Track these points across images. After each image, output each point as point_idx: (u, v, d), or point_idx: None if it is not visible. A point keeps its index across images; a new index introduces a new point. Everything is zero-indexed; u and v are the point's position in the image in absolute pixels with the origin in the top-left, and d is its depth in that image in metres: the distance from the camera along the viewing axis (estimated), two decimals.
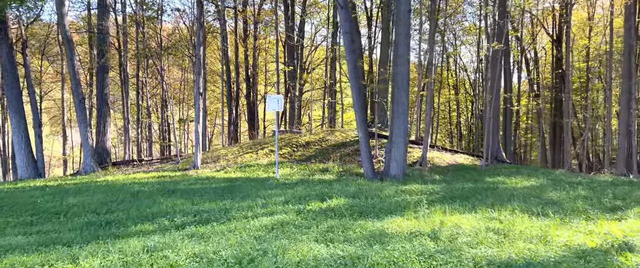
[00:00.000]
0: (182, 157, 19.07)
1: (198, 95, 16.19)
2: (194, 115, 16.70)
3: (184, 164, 17.41)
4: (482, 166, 16.97)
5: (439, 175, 14.75)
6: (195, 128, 16.67)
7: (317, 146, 18.34)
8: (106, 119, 17.67)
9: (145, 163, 18.08)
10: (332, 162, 16.85)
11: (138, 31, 27.44)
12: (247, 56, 34.82)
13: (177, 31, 34.18)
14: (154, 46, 29.13)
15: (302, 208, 7.92)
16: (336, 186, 11.30)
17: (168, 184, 12.37)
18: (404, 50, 14.00)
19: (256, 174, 15.02)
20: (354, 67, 14.64)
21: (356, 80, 14.65)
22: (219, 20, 32.19)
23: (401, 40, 13.94)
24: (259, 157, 17.61)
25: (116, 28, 25.80)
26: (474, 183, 12.50)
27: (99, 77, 17.60)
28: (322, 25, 36.40)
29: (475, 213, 7.69)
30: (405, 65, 14.05)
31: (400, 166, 14.26)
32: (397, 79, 14.11)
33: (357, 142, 18.65)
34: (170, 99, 21.84)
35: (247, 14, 34.32)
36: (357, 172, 15.60)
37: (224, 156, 17.97)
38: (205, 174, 15.03)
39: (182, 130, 38.46)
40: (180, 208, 8.17)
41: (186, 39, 32.79)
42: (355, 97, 14.60)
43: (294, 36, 25.78)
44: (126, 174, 15.48)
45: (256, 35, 36.08)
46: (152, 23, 29.69)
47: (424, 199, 8.89)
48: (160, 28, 30.94)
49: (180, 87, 38.44)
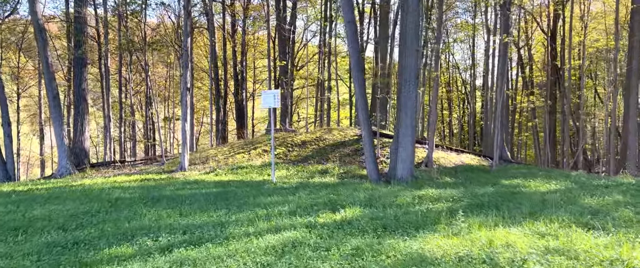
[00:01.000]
0: (168, 157, 17.66)
1: (185, 90, 14.81)
2: (181, 112, 15.32)
3: (170, 166, 16.00)
4: (492, 167, 15.84)
5: (449, 177, 13.56)
6: (182, 126, 15.29)
7: (314, 146, 17.06)
8: (84, 117, 16.19)
9: (127, 165, 16.63)
10: (331, 162, 15.59)
11: (120, 24, 25.88)
12: (235, 52, 33.45)
13: (162, 26, 32.72)
14: (137, 41, 27.61)
15: (314, 222, 6.63)
16: (343, 191, 10.03)
17: (152, 189, 11.00)
18: (413, 41, 12.77)
19: (250, 177, 13.69)
20: (358, 60, 13.38)
21: (360, 74, 13.39)
22: (206, 15, 30.82)
23: (410, 30, 12.71)
24: (252, 158, 16.28)
25: (96, 19, 24.21)
26: (492, 186, 11.32)
27: (76, 70, 16.11)
28: (312, 20, 35.14)
29: (519, 226, 6.47)
30: (413, 57, 12.82)
31: (408, 167, 13.05)
32: (405, 73, 12.88)
33: (356, 141, 17.41)
34: (155, 96, 20.40)
35: (235, 8, 32.91)
36: (359, 174, 14.36)
37: (213, 157, 16.60)
38: (194, 177, 13.66)
39: (167, 129, 36.91)
40: (166, 222, 6.82)
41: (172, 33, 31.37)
42: (358, 93, 13.34)
43: (286, 27, 24.42)
44: (106, 177, 14.05)
45: (245, 30, 34.74)
46: (136, 17, 28.15)
47: (453, 208, 7.67)
48: (144, 22, 29.39)
49: (166, 84, 36.88)
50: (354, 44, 13.31)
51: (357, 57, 13.38)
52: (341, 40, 35.26)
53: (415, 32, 12.83)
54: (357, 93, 13.40)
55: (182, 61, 15.20)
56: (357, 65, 13.33)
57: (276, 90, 12.72)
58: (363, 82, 13.55)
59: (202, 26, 34.35)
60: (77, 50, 15.84)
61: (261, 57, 39.30)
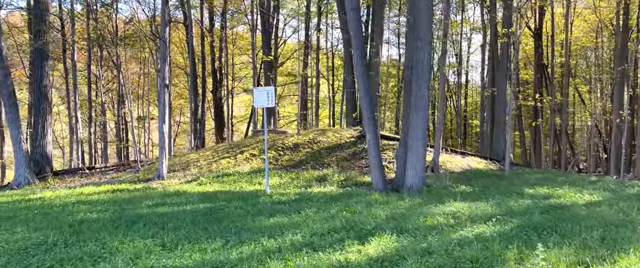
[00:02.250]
0: (143, 163, 15.78)
1: (163, 88, 13.00)
2: (158, 112, 13.50)
3: (146, 173, 14.15)
4: (504, 172, 14.47)
5: (464, 185, 12.08)
6: (160, 128, 13.47)
7: (307, 149, 15.42)
8: (46, 118, 14.20)
9: (97, 172, 14.70)
10: (328, 168, 13.97)
11: (89, 16, 23.76)
12: (214, 48, 31.57)
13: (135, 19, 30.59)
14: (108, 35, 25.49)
15: (344, 262, 5.01)
16: (355, 207, 8.43)
17: (126, 205, 9.21)
18: (426, 31, 11.23)
19: (239, 186, 11.98)
20: (363, 52, 11.78)
21: (365, 68, 11.80)
22: (182, 6, 28.87)
23: (422, 19, 11.16)
24: (239, 163, 14.55)
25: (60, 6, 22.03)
26: (520, 197, 9.88)
27: (36, 64, 14.12)
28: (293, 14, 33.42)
29: (614, 263, 4.98)
30: (426, 50, 11.28)
31: (419, 175, 11.53)
32: (417, 68, 11.33)
33: (353, 144, 15.83)
34: (128, 94, 18.45)
35: (213, 1, 30.98)
36: (361, 181, 12.80)
37: (194, 162, 14.81)
38: (174, 187, 11.88)
39: (141, 129, 34.73)
40: (146, 265, 5.11)
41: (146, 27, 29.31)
42: (363, 90, 11.74)
43: (271, 16, 22.67)
44: (71, 188, 12.14)
45: (225, 25, 32.87)
46: (107, 10, 26.06)
47: (505, 233, 6.14)
48: (116, 13, 27.24)
49: (139, 80, 34.70)
50: (357, 34, 11.71)
51: (362, 49, 11.78)
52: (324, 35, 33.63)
53: (428, 22, 11.30)
54: (361, 90, 11.80)
55: (159, 55, 13.37)
56: (361, 58, 11.73)
57: (270, 88, 11.05)
58: (368, 77, 11.96)
59: (178, 20, 32.37)
60: (37, 41, 13.86)
61: (240, 53, 37.48)
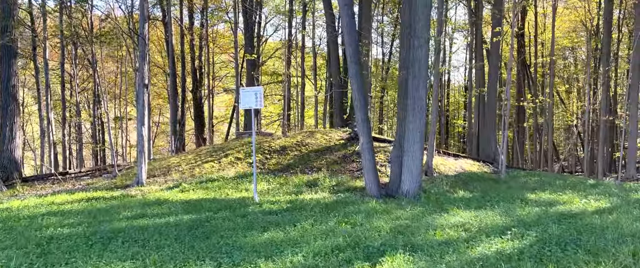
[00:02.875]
0: (121, 167, 14.87)
1: (142, 87, 12.14)
2: (137, 113, 12.64)
3: (124, 179, 13.27)
4: (499, 175, 13.97)
5: (462, 190, 11.52)
6: (139, 130, 12.61)
7: (295, 152, 14.71)
8: (14, 120, 13.19)
9: (70, 178, 13.73)
10: (317, 172, 13.28)
11: (62, 12, 22.65)
12: (193, 46, 30.65)
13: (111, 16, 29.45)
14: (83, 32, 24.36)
15: None
16: (355, 217, 7.77)
17: (102, 216, 8.40)
18: (423, 28, 10.61)
19: (224, 193, 11.21)
20: (356, 50, 11.12)
21: (358, 66, 11.14)
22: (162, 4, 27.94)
23: (420, 14, 10.55)
24: (223, 168, 13.76)
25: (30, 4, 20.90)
26: (525, 204, 9.35)
27: (3, 62, 13.09)
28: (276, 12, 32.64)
29: None
30: (424, 48, 10.67)
31: (416, 180, 10.92)
32: (414, 67, 10.72)
33: (343, 146, 15.17)
34: (104, 94, 17.49)
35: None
36: (354, 187, 12.14)
37: (176, 166, 13.97)
38: (155, 195, 11.05)
39: (118, 130, 33.56)
40: None
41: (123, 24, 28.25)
42: (356, 90, 11.07)
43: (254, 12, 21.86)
44: (41, 196, 11.21)
45: (207, 23, 32.00)
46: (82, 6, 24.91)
47: (525, 249, 5.54)
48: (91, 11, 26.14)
49: (116, 80, 33.51)
50: (351, 31, 11.04)
51: (356, 47, 11.11)
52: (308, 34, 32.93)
53: (427, 18, 10.69)
54: (354, 90, 11.13)
55: (137, 53, 12.52)
56: (354, 56, 11.06)
57: (258, 88, 10.30)
58: (362, 76, 11.30)
59: (157, 18, 31.38)
60: (4, 37, 12.84)
61: (220, 51, 36.57)
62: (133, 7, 25.01)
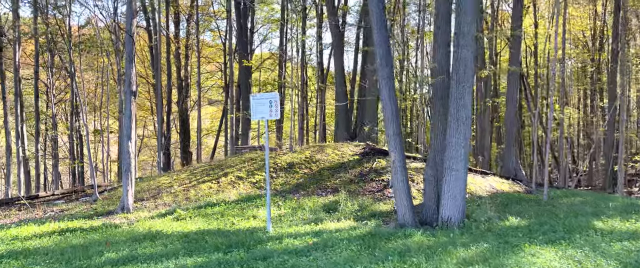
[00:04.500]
0: (102, 188, 12.81)
1: (129, 94, 10.19)
2: (123, 126, 10.68)
3: (106, 203, 11.23)
4: (532, 191, 12.27)
5: (510, 215, 9.75)
6: (124, 145, 10.64)
7: (305, 169, 12.84)
8: None
9: (41, 203, 11.63)
10: (334, 194, 11.43)
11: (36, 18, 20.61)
12: (180, 55, 28.74)
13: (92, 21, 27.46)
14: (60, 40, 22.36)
15: None
16: (415, 261, 5.95)
17: (79, 259, 6.45)
18: (471, 22, 8.90)
19: (229, 222, 9.28)
20: (388, 50, 9.35)
21: (390, 70, 9.37)
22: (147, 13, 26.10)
23: (466, 8, 8.85)
24: (223, 189, 11.82)
25: None
26: (609, 238, 7.62)
27: None
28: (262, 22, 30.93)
29: None
30: (470, 48, 8.96)
31: (460, 205, 9.16)
32: (458, 70, 9.00)
33: (358, 162, 13.35)
34: (81, 105, 15.44)
35: (180, 6, 28.17)
36: (379, 211, 10.33)
37: (167, 187, 11.98)
38: (145, 224, 9.08)
39: (97, 143, 31.24)
40: None
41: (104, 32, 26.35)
42: (387, 96, 9.29)
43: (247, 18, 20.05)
44: (3, 228, 9.13)
45: (189, 32, 30.12)
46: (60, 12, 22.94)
47: None
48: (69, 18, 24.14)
49: (96, 90, 31.30)
50: (381, 28, 9.28)
51: (387, 48, 9.35)
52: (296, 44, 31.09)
53: (474, 8, 8.98)
54: (384, 98, 9.34)
55: (121, 59, 10.60)
56: (385, 57, 9.30)
57: (273, 94, 8.47)
58: (393, 82, 9.52)
59: (140, 26, 29.45)
60: None
61: (206, 61, 34.67)
62: (117, 15, 22.92)
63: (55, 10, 22.71)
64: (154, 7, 25.61)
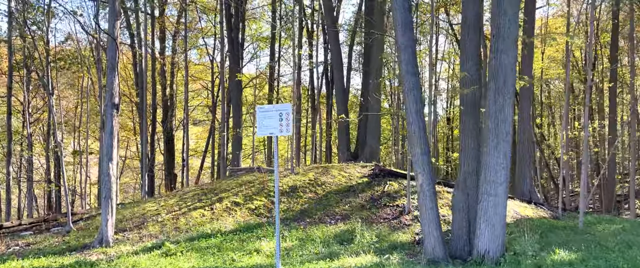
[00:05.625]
0: (78, 216, 11.24)
1: (111, 108, 8.76)
2: (104, 145, 9.21)
3: (82, 235, 9.66)
4: (579, 222, 11.02)
5: (555, 247, 8.43)
6: (104, 168, 9.16)
7: (309, 193, 11.44)
8: None
9: (5, 234, 10.00)
10: (345, 222, 10.04)
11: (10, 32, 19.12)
12: (165, 72, 27.34)
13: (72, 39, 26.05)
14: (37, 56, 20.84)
15: None
16: None
17: None
18: (511, 22, 7.69)
19: (229, 259, 7.81)
20: (414, 55, 8.10)
21: (416, 79, 8.10)
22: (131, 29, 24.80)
23: (506, 7, 7.64)
24: (217, 216, 10.34)
25: None
26: None
27: None
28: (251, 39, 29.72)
29: None
30: (511, 53, 7.75)
31: (499, 236, 7.87)
32: (497, 79, 7.75)
33: (368, 185, 11.99)
34: (59, 123, 13.90)
35: (165, 23, 26.83)
36: (401, 242, 8.97)
37: (153, 215, 10.46)
38: (127, 262, 7.57)
39: (77, 165, 29.36)
40: None
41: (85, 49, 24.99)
42: (414, 110, 8.01)
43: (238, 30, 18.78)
44: None
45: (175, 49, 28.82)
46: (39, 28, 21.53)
47: None
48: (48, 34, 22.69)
49: (76, 109, 29.61)
50: (406, 30, 8.03)
51: (412, 52, 8.09)
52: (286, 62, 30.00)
53: (516, 8, 7.79)
54: (411, 112, 8.04)
55: (106, 63, 9.22)
56: (411, 64, 8.04)
57: (284, 106, 7.13)
58: (420, 93, 8.25)
59: (123, 43, 28.07)
60: None
61: (192, 80, 33.24)
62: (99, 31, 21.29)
63: (34, 25, 21.34)
64: (138, 21, 24.32)
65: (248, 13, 26.63)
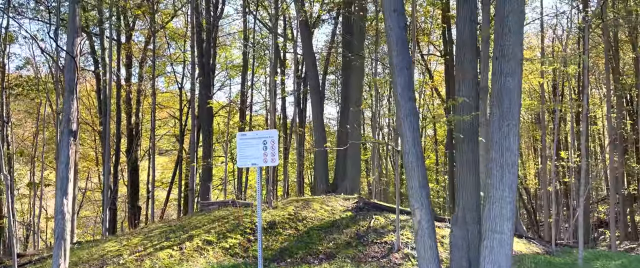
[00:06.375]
0: (26, 258, 9.92)
1: (68, 135, 7.69)
2: (58, 175, 8.08)
3: None
4: (578, 260, 10.34)
5: None
6: (58, 204, 8.00)
7: (289, 229, 10.46)
8: None
9: None
10: (330, 262, 9.10)
11: None
12: (131, 100, 26.12)
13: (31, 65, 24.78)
14: None
15: None
16: None
17: None
18: (515, 45, 7.07)
19: None
20: (411, 78, 7.40)
21: (413, 104, 7.37)
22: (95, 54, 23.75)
23: (512, 26, 7.05)
24: (187, 257, 9.24)
25: None
26: None
27: None
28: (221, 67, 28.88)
29: None
30: (516, 75, 7.10)
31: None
32: (501, 103, 7.06)
33: (352, 220, 11.10)
34: (12, 155, 12.60)
35: (131, 49, 25.74)
36: None
37: (114, 256, 9.28)
38: None
39: (32, 198, 27.40)
40: None
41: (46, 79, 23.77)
42: (411, 139, 7.24)
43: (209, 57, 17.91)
44: None
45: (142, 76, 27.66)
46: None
47: None
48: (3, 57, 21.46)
49: (35, 140, 27.85)
50: (403, 50, 7.32)
51: (410, 75, 7.37)
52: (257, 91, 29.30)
53: (520, 26, 7.18)
54: (407, 141, 7.27)
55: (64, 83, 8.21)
56: (408, 88, 7.31)
57: (270, 132, 6.26)
58: (417, 120, 7.51)
59: (87, 69, 26.88)
60: None
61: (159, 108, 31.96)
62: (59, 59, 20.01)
63: None
64: (103, 47, 23.23)
65: (219, 40, 25.90)
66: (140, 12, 21.89)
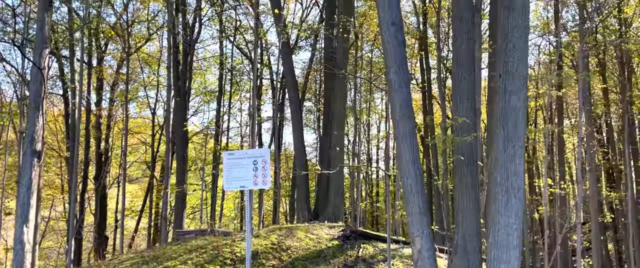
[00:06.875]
0: None
1: (31, 155, 6.92)
2: (18, 202, 7.26)
3: None
4: None
5: None
6: (17, 233, 7.17)
7: (273, 260, 9.75)
8: None
9: None
10: None
11: None
12: (100, 125, 25.17)
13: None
14: None
15: None
16: None
17: None
18: (520, 62, 6.69)
19: None
20: (409, 96, 6.94)
21: (412, 123, 6.91)
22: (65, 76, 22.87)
23: (517, 41, 6.69)
24: None
25: None
26: None
27: None
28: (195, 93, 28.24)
29: None
30: (522, 94, 6.70)
31: None
32: (506, 122, 6.63)
33: (340, 249, 10.46)
34: None
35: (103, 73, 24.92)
36: None
37: None
38: None
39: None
40: None
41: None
42: (411, 160, 6.74)
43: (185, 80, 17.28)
44: None
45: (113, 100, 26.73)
46: None
47: None
48: None
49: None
50: (402, 66, 6.88)
51: (407, 93, 6.92)
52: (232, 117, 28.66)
53: (525, 42, 6.82)
54: (406, 162, 6.77)
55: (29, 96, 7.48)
56: (406, 105, 6.86)
57: (261, 151, 5.68)
58: (415, 141, 7.03)
59: (55, 93, 25.87)
60: None
61: (130, 134, 30.91)
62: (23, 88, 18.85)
63: None
64: (73, 69, 22.32)
65: (195, 65, 25.32)
66: (114, 33, 21.17)
